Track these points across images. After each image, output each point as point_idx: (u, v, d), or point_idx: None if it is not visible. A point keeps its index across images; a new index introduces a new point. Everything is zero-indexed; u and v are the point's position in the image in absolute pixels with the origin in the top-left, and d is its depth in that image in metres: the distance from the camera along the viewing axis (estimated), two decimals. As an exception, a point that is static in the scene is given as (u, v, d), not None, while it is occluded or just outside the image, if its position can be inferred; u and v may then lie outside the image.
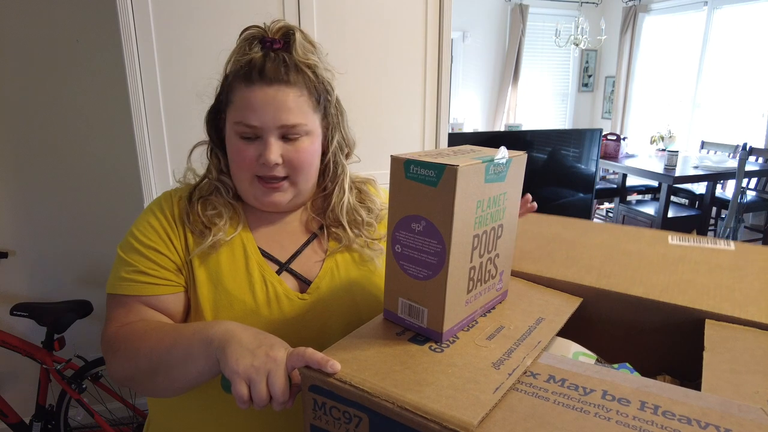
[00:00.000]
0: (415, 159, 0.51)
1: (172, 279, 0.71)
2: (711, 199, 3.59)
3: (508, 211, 0.61)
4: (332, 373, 0.49)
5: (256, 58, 0.71)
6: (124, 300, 0.70)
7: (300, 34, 0.74)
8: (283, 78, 0.70)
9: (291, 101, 0.70)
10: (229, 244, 0.73)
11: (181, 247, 0.72)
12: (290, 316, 0.73)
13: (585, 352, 0.62)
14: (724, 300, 0.63)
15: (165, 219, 0.73)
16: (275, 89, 0.69)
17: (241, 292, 0.71)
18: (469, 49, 5.03)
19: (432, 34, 1.56)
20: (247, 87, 0.69)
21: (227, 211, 0.74)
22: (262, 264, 0.74)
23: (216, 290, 0.71)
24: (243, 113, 0.69)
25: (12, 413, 1.71)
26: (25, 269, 1.80)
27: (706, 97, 4.55)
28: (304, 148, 0.72)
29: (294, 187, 0.74)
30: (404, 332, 0.58)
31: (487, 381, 0.48)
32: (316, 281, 0.76)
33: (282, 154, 0.71)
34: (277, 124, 0.69)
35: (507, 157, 0.56)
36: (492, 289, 0.63)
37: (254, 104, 0.69)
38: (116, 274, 0.72)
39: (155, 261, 0.71)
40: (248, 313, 0.71)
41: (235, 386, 0.52)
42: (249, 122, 0.69)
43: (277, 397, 0.52)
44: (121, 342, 0.66)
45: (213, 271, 0.72)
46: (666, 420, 0.43)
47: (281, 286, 0.73)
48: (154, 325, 0.67)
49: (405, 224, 0.54)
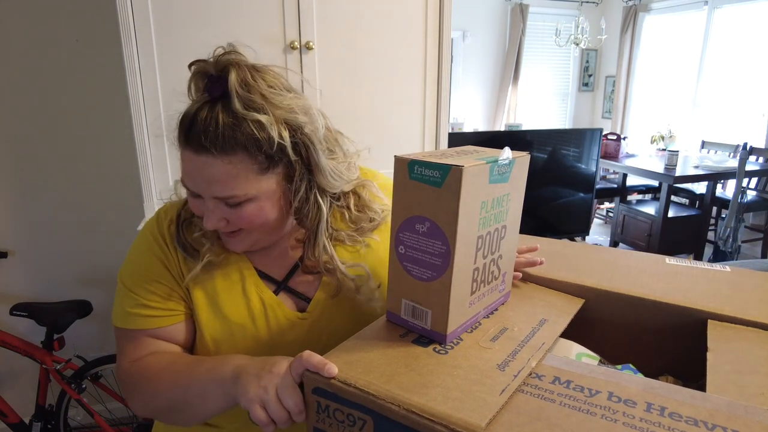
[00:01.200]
0: (419, 159, 0.51)
1: (174, 308, 0.70)
2: (711, 199, 3.59)
3: (511, 212, 0.60)
4: (329, 377, 0.49)
5: (188, 113, 0.61)
6: (131, 334, 0.70)
7: (236, 76, 0.60)
8: (209, 148, 0.59)
9: (219, 174, 0.60)
10: (224, 266, 0.71)
11: (178, 273, 0.70)
12: (292, 339, 0.72)
13: (588, 353, 0.62)
14: (725, 303, 0.63)
15: (160, 247, 0.71)
16: (202, 160, 0.60)
17: (238, 316, 0.70)
18: (469, 49, 5.03)
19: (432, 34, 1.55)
20: (183, 148, 0.62)
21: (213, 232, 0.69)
22: (259, 285, 0.72)
23: (215, 317, 0.70)
24: (183, 171, 0.64)
25: (12, 413, 1.71)
26: (25, 269, 1.80)
27: (706, 97, 4.55)
28: (248, 213, 0.63)
29: (249, 236, 0.68)
30: (408, 334, 0.58)
31: (493, 383, 0.47)
32: (316, 298, 0.73)
33: (225, 217, 0.64)
34: (210, 194, 0.62)
35: (511, 157, 0.56)
36: (495, 291, 0.63)
37: (187, 170, 0.62)
38: (121, 307, 0.71)
39: (157, 293, 0.69)
40: (248, 339, 0.70)
41: (252, 413, 0.52)
42: (187, 184, 0.64)
43: (291, 408, 0.51)
44: (136, 380, 0.67)
45: (210, 297, 0.70)
46: (673, 421, 0.42)
47: (280, 308, 0.71)
48: (166, 362, 0.67)
49: (409, 225, 0.54)
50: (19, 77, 1.66)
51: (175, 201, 0.75)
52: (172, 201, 0.76)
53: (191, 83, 0.65)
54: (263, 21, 1.35)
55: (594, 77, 5.73)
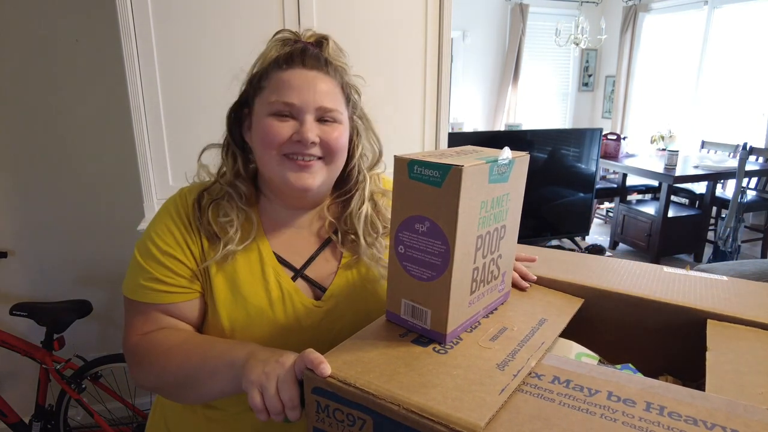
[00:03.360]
0: (419, 159, 0.51)
1: (187, 286, 0.71)
2: (711, 199, 3.59)
3: (511, 212, 0.60)
4: (321, 376, 0.49)
5: (296, 48, 0.72)
6: (142, 307, 0.71)
7: (332, 41, 0.77)
8: (321, 67, 0.71)
9: (328, 88, 0.71)
10: (245, 250, 0.73)
11: (198, 253, 0.72)
12: (305, 324, 0.73)
13: (587, 353, 0.62)
14: (724, 303, 0.63)
15: (183, 224, 0.72)
16: (314, 74, 0.70)
17: (258, 299, 0.71)
18: (469, 49, 5.03)
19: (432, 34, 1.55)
20: (287, 69, 0.70)
21: (239, 218, 0.73)
22: (278, 270, 0.73)
23: (233, 296, 0.71)
24: (280, 92, 0.69)
25: (12, 413, 1.71)
26: (25, 269, 1.80)
27: (706, 97, 4.55)
28: (338, 133, 0.72)
29: (326, 169, 0.73)
30: (407, 334, 0.58)
31: (492, 382, 0.47)
32: (331, 288, 0.75)
33: (318, 135, 0.70)
34: (316, 104, 0.69)
35: (510, 157, 0.56)
36: (495, 290, 0.63)
37: (293, 84, 0.69)
38: (134, 279, 0.71)
39: (172, 269, 0.70)
40: (265, 323, 0.71)
41: (249, 395, 0.53)
42: (287, 99, 0.68)
43: (286, 401, 0.52)
44: (144, 355, 0.68)
45: (230, 278, 0.71)
46: (672, 421, 0.43)
47: (297, 294, 0.73)
48: (177, 339, 0.68)
49: (408, 225, 0.54)
50: (19, 77, 1.66)
51: (198, 183, 0.77)
52: (194, 183, 0.78)
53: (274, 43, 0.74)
54: (263, 20, 1.35)
55: (594, 77, 5.73)
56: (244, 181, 0.76)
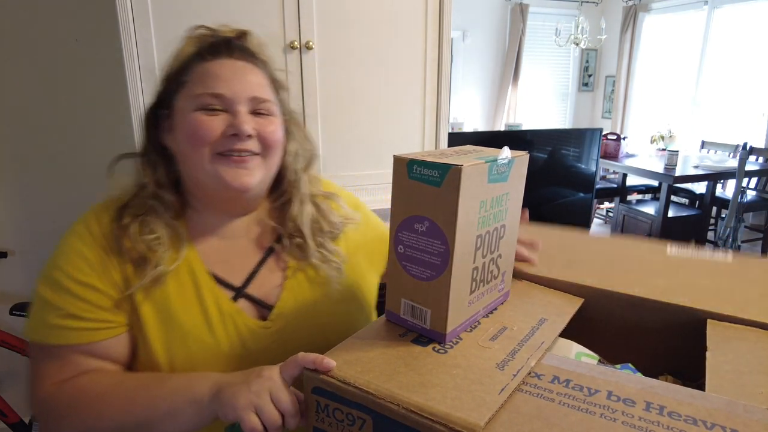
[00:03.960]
0: (418, 159, 0.51)
1: (111, 320, 0.62)
2: (711, 199, 3.59)
3: (510, 211, 0.60)
4: (327, 370, 0.49)
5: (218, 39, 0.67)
6: (56, 351, 0.60)
7: (254, 35, 0.71)
8: (249, 58, 0.67)
9: (258, 79, 0.66)
10: (175, 274, 0.64)
11: (121, 280, 0.62)
12: (253, 349, 0.66)
13: (587, 353, 0.62)
14: (725, 301, 0.63)
15: (99, 246, 0.62)
16: (243, 64, 0.66)
17: (197, 328, 0.63)
18: (469, 49, 5.02)
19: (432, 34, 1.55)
20: (212, 60, 0.64)
21: (167, 234, 0.64)
22: (216, 292, 0.65)
23: (167, 327, 0.62)
24: (206, 83, 0.62)
25: (12, 413, 1.71)
26: (25, 269, 1.80)
27: (706, 97, 4.55)
28: (273, 125, 0.66)
29: (264, 166, 0.66)
30: (407, 333, 0.58)
31: (492, 382, 0.47)
32: (279, 306, 0.68)
33: (255, 127, 0.64)
34: (248, 95, 0.63)
35: (510, 157, 0.56)
36: (494, 290, 0.63)
37: (221, 75, 0.63)
38: (41, 319, 0.61)
39: (90, 301, 0.60)
40: (206, 350, 0.63)
41: (245, 421, 0.50)
42: (215, 90, 0.62)
43: (288, 410, 0.51)
44: (68, 405, 0.58)
45: (161, 305, 0.63)
46: (672, 420, 0.43)
47: (240, 317, 0.66)
48: (111, 381, 0.59)
49: (408, 225, 0.54)
50: (19, 77, 1.66)
51: (112, 199, 0.68)
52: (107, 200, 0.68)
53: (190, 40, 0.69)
54: (263, 21, 1.35)
55: (594, 77, 5.72)
56: (168, 191, 0.67)
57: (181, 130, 0.64)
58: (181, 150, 0.65)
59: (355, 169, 0.88)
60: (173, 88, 0.66)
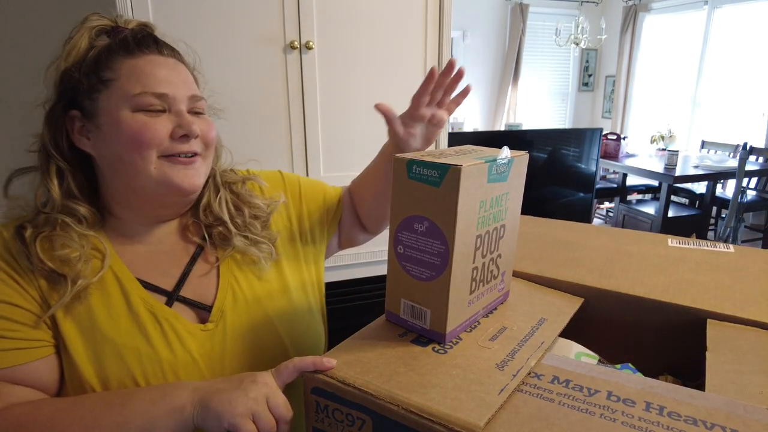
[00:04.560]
0: (417, 159, 0.51)
1: (38, 338, 0.56)
2: (711, 199, 3.59)
3: (510, 211, 0.60)
4: (329, 368, 0.49)
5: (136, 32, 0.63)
6: None
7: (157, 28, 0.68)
8: (175, 53, 0.64)
9: (188, 76, 0.64)
10: (99, 285, 0.59)
11: (38, 294, 0.56)
12: (198, 355, 0.61)
13: (587, 353, 0.62)
14: (725, 300, 0.63)
15: (5, 261, 0.56)
16: (173, 61, 0.62)
17: (130, 339, 0.58)
18: (469, 49, 5.03)
19: (432, 34, 1.55)
20: (141, 56, 0.60)
21: (84, 247, 0.59)
22: (147, 299, 0.61)
23: (94, 342, 0.57)
24: (145, 82, 0.58)
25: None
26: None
27: (706, 97, 4.55)
28: (211, 124, 0.65)
29: (205, 165, 0.65)
30: (407, 333, 0.58)
31: (492, 382, 0.47)
32: (217, 305, 0.64)
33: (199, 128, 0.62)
34: (188, 93, 0.61)
35: (509, 157, 0.56)
36: (494, 290, 0.63)
37: (158, 73, 0.59)
38: None
39: (10, 318, 0.54)
40: (146, 361, 0.58)
41: (242, 428, 0.48)
42: (157, 90, 0.59)
43: (284, 416, 0.51)
44: None
45: (84, 320, 0.57)
46: (672, 421, 0.42)
47: (177, 321, 0.61)
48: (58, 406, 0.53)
49: (407, 225, 0.54)
50: (19, 77, 1.66)
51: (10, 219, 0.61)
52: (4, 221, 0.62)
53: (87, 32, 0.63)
54: (263, 21, 1.35)
55: (594, 77, 5.73)
56: (79, 201, 0.61)
57: (116, 133, 0.58)
58: (112, 154, 0.60)
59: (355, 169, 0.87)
60: (92, 87, 0.60)
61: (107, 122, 0.59)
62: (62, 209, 0.60)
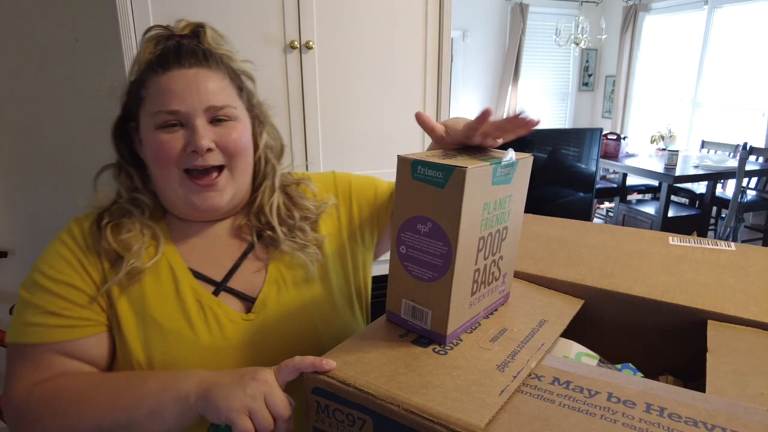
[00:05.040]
0: (422, 160, 0.51)
1: (90, 318, 0.61)
2: (711, 199, 3.59)
3: (513, 213, 0.60)
4: (328, 370, 0.49)
5: (168, 46, 0.65)
6: (30, 351, 0.59)
7: (210, 28, 0.70)
8: (201, 62, 0.64)
9: (214, 84, 0.64)
10: (154, 270, 0.64)
11: (99, 278, 0.62)
12: (236, 342, 0.64)
13: (587, 353, 0.62)
14: (726, 300, 0.63)
15: (77, 246, 0.63)
16: (195, 71, 0.63)
17: (174, 323, 0.63)
18: (469, 49, 5.02)
19: (432, 34, 1.55)
20: (164, 73, 0.62)
21: (145, 234, 0.65)
22: (195, 286, 0.65)
23: (144, 324, 0.62)
24: (161, 100, 0.62)
25: (12, 413, 1.71)
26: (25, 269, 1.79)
27: (706, 97, 4.55)
28: (236, 132, 0.65)
29: (232, 179, 0.66)
30: (407, 334, 0.58)
31: (492, 383, 0.47)
32: (261, 297, 0.67)
33: (213, 139, 0.63)
34: (203, 106, 0.62)
35: (514, 159, 0.56)
36: (495, 292, 0.63)
37: (174, 89, 0.61)
38: (19, 319, 0.60)
39: (68, 298, 0.60)
40: (186, 344, 0.62)
41: (238, 423, 0.49)
42: (170, 107, 0.61)
43: (282, 415, 0.51)
44: (43, 406, 0.56)
45: (137, 302, 0.62)
46: (672, 422, 0.43)
47: (221, 309, 0.65)
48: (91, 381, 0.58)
49: (410, 225, 0.54)
50: (19, 77, 1.66)
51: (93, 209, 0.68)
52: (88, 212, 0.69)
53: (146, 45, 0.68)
54: (263, 21, 1.35)
55: (594, 77, 5.73)
56: (145, 194, 0.68)
57: (147, 148, 0.64)
58: (151, 167, 0.66)
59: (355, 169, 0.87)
60: (136, 103, 0.66)
61: (144, 138, 0.65)
62: (129, 201, 0.67)
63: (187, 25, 0.69)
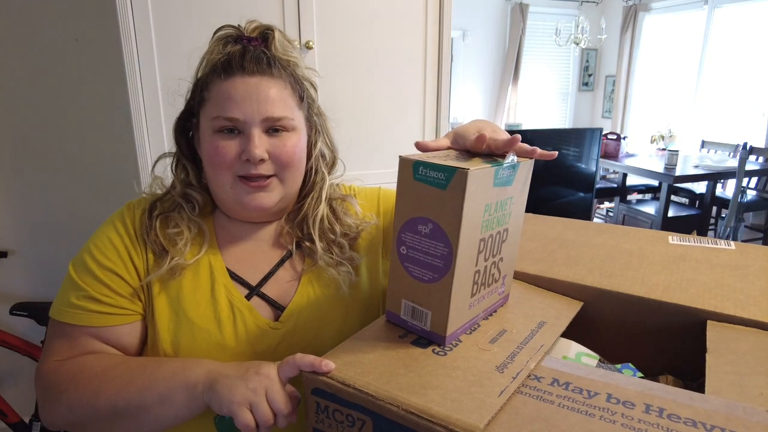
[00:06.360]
0: (424, 161, 0.51)
1: (127, 307, 0.64)
2: (711, 199, 3.59)
3: (514, 215, 0.60)
4: (326, 372, 0.49)
5: (234, 51, 0.66)
6: (69, 330, 0.63)
7: (278, 33, 0.71)
8: (265, 69, 0.65)
9: (274, 93, 0.65)
10: (194, 267, 0.66)
11: (143, 268, 0.65)
12: (261, 349, 0.66)
13: (587, 353, 0.62)
14: (725, 299, 0.63)
15: (127, 234, 0.66)
16: (257, 80, 0.64)
17: (205, 322, 0.64)
18: (469, 48, 5.02)
19: (432, 33, 1.55)
20: (226, 79, 0.64)
21: (191, 230, 0.67)
22: (230, 288, 0.67)
23: (177, 318, 0.64)
24: (222, 106, 0.63)
25: (12, 413, 1.71)
26: (25, 269, 1.80)
27: (706, 97, 4.55)
28: (291, 143, 0.66)
29: (282, 185, 0.67)
30: (407, 335, 0.58)
31: (492, 384, 0.47)
32: (290, 307, 0.69)
33: (267, 149, 0.64)
34: (261, 116, 0.63)
35: (516, 161, 0.56)
36: (495, 293, 0.63)
37: (234, 96, 0.63)
38: (64, 298, 0.63)
39: (110, 286, 0.63)
40: (213, 345, 0.64)
41: (239, 416, 0.50)
42: (229, 114, 0.63)
43: (281, 410, 0.51)
44: (67, 381, 0.59)
45: (173, 297, 0.65)
46: (671, 423, 0.43)
47: (251, 314, 0.66)
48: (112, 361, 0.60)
49: (411, 226, 0.54)
50: (19, 76, 1.66)
51: (147, 196, 0.71)
52: (143, 196, 0.72)
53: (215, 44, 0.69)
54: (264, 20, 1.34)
55: (594, 77, 5.72)
56: (197, 190, 0.70)
57: (204, 149, 0.67)
58: (206, 166, 0.68)
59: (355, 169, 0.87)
60: (198, 102, 0.68)
61: (202, 138, 0.67)
62: (181, 195, 0.69)
63: (256, 28, 0.70)
